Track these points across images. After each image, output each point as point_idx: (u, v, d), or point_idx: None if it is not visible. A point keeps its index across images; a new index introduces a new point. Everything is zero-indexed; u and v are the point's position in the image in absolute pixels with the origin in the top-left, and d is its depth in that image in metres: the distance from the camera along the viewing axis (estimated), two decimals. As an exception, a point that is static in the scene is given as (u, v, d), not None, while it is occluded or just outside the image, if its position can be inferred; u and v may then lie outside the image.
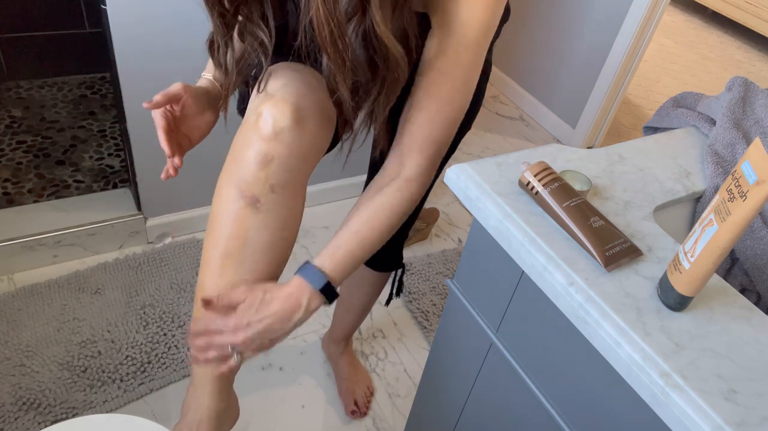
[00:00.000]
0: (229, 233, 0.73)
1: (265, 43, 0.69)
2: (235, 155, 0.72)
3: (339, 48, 0.60)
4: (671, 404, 0.49)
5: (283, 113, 0.69)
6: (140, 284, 1.53)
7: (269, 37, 0.69)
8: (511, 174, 0.69)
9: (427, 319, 1.60)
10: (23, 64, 2.04)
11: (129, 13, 1.26)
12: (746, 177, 0.48)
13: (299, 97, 0.70)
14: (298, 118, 0.69)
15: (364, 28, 0.60)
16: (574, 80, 2.41)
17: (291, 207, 0.74)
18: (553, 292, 0.59)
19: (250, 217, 0.72)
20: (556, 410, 0.66)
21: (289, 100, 0.69)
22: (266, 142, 0.69)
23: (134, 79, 1.36)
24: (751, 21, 3.94)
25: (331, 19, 0.57)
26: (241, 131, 0.73)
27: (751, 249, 0.75)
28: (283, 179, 0.71)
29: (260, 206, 0.71)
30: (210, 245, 0.75)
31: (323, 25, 0.57)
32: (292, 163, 0.71)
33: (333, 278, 0.72)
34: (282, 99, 0.69)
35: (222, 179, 0.74)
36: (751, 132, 0.84)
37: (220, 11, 0.67)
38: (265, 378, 1.40)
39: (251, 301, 0.70)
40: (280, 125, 0.69)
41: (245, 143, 0.71)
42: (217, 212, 0.74)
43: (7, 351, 1.32)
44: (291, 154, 0.70)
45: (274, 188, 0.71)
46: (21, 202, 1.62)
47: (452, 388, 0.88)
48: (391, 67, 0.64)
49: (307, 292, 0.71)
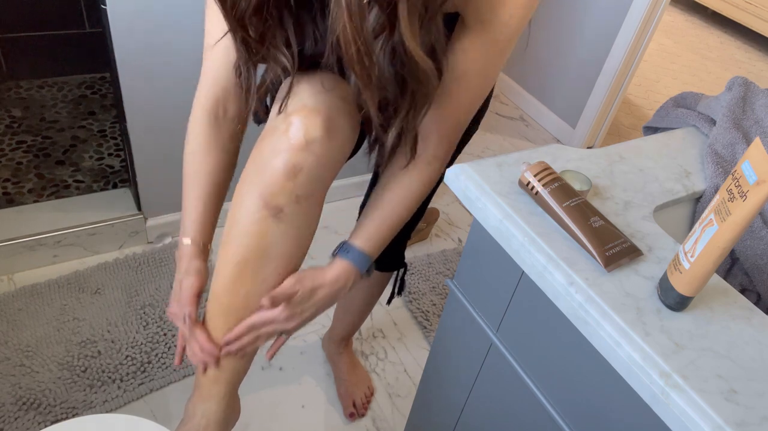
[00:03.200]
0: (248, 243, 0.72)
1: (287, 68, 0.68)
2: (261, 163, 0.70)
3: (366, 65, 0.59)
4: (671, 404, 0.49)
5: (315, 123, 0.67)
6: (140, 284, 1.53)
7: (292, 63, 0.68)
8: (511, 174, 0.69)
9: (427, 319, 1.60)
10: (23, 64, 2.04)
11: (129, 13, 1.26)
12: (746, 177, 0.48)
13: (330, 108, 0.69)
14: (329, 129, 0.68)
15: (392, 45, 0.59)
16: (574, 80, 2.41)
17: (312, 217, 0.74)
18: (553, 292, 0.59)
19: (272, 227, 0.70)
20: (555, 410, 0.66)
21: (322, 111, 0.68)
22: (296, 152, 0.68)
23: (134, 79, 1.36)
24: (751, 21, 3.94)
25: (358, 38, 0.56)
26: (266, 139, 0.71)
27: (751, 249, 0.75)
28: (309, 190, 0.70)
29: (283, 216, 0.70)
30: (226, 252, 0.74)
31: (350, 43, 0.56)
32: (319, 173, 0.70)
33: (371, 256, 0.77)
34: (315, 109, 0.68)
35: (243, 187, 0.72)
36: (751, 132, 0.84)
37: (243, 37, 0.66)
38: (265, 378, 1.40)
39: (303, 293, 0.74)
40: (312, 135, 0.67)
41: (273, 152, 0.69)
42: (237, 220, 0.72)
43: (7, 351, 1.32)
44: (319, 165, 0.69)
45: (299, 199, 0.70)
46: (21, 202, 1.62)
47: (452, 388, 0.88)
48: (422, 81, 0.64)
49: (353, 275, 0.77)
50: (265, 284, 0.74)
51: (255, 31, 0.65)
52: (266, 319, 0.74)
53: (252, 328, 0.74)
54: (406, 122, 0.69)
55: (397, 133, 0.70)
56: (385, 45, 0.59)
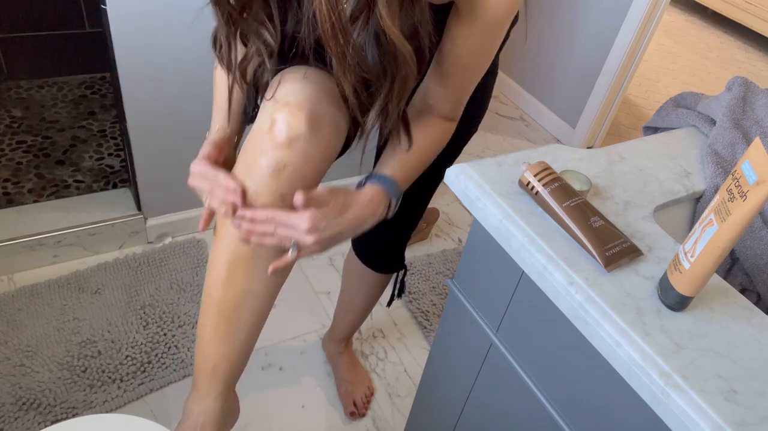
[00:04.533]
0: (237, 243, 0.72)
1: (269, 42, 0.68)
2: (246, 161, 0.71)
3: (340, 42, 0.59)
4: (671, 404, 0.49)
5: (299, 119, 0.67)
6: (140, 284, 1.53)
7: (274, 38, 0.68)
8: (511, 174, 0.69)
9: (427, 319, 1.60)
10: (23, 64, 2.04)
11: (129, 13, 1.26)
12: (746, 177, 0.48)
13: (314, 103, 0.69)
14: (313, 125, 0.68)
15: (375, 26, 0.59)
16: (574, 80, 2.41)
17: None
18: (553, 292, 0.59)
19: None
20: (555, 410, 0.66)
21: (304, 107, 0.68)
22: (280, 149, 0.68)
23: (134, 79, 1.36)
24: (751, 21, 3.94)
25: (332, 13, 0.56)
26: (251, 138, 0.71)
27: (751, 249, 0.75)
28: (294, 187, 0.70)
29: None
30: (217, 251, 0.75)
31: (325, 18, 0.57)
32: (304, 171, 0.70)
33: (401, 187, 0.76)
34: (297, 106, 0.68)
35: None
36: (751, 132, 0.84)
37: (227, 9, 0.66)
38: (265, 378, 1.40)
39: (334, 205, 0.70)
40: (295, 132, 0.67)
41: (257, 151, 0.69)
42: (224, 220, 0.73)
43: (7, 351, 1.32)
44: (304, 162, 0.69)
45: (284, 197, 0.70)
46: (21, 202, 1.62)
47: (452, 388, 0.88)
48: (400, 64, 0.63)
49: (384, 201, 0.74)
50: (260, 282, 0.74)
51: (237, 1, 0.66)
52: (288, 220, 0.68)
53: (271, 220, 0.69)
54: (386, 105, 0.68)
55: (377, 115, 0.69)
56: (365, 25, 0.59)
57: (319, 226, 0.68)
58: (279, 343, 1.48)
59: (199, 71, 1.40)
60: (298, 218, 0.68)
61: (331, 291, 1.64)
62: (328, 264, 1.72)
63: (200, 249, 1.66)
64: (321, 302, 1.60)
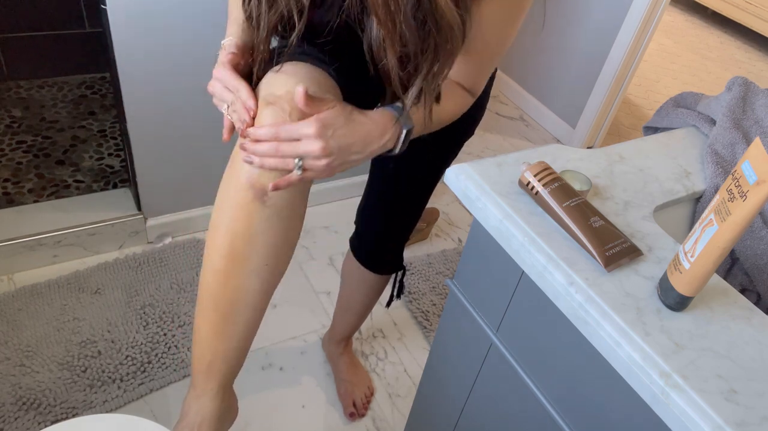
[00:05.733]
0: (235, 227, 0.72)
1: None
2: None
3: (391, 9, 0.57)
4: (671, 404, 0.49)
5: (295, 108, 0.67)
6: (140, 284, 1.53)
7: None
8: (511, 174, 0.69)
9: (427, 319, 1.60)
10: (23, 64, 2.04)
11: (129, 13, 1.26)
12: (746, 177, 0.48)
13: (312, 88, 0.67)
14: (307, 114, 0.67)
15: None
16: (574, 80, 2.41)
17: (296, 207, 0.74)
18: (553, 292, 0.59)
19: (258, 211, 0.71)
20: (555, 410, 0.66)
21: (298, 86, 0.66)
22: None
23: (134, 79, 1.36)
24: (751, 21, 3.94)
25: None
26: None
27: (751, 249, 0.75)
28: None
29: (267, 200, 0.70)
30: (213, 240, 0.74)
31: None
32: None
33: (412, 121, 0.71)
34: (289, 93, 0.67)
35: (228, 172, 0.72)
36: (751, 132, 0.84)
37: None
38: (265, 378, 1.40)
39: (340, 110, 0.66)
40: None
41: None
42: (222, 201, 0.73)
43: (7, 351, 1.32)
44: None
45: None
46: (21, 202, 1.62)
47: (452, 388, 0.88)
48: (445, 36, 0.62)
49: (395, 126, 0.70)
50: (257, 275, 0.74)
51: None
52: (293, 131, 0.65)
53: (275, 137, 0.66)
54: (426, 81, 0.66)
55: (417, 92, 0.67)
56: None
57: (327, 132, 0.65)
58: (279, 343, 1.48)
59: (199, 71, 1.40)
60: (304, 124, 0.65)
61: (331, 291, 1.64)
62: (328, 264, 1.72)
63: (200, 249, 1.66)
64: (321, 302, 1.60)
